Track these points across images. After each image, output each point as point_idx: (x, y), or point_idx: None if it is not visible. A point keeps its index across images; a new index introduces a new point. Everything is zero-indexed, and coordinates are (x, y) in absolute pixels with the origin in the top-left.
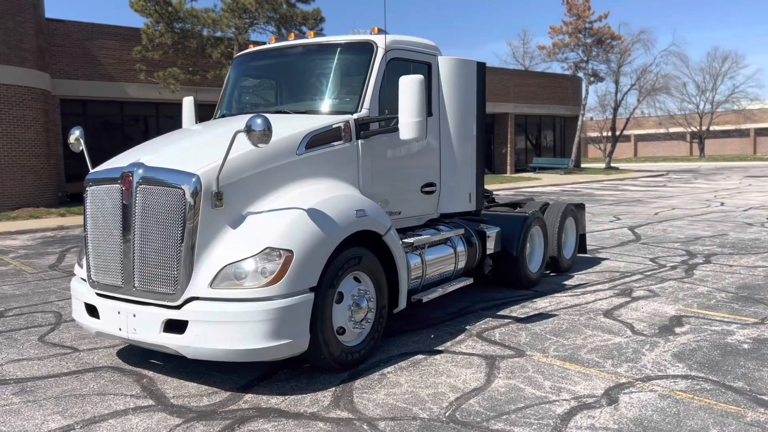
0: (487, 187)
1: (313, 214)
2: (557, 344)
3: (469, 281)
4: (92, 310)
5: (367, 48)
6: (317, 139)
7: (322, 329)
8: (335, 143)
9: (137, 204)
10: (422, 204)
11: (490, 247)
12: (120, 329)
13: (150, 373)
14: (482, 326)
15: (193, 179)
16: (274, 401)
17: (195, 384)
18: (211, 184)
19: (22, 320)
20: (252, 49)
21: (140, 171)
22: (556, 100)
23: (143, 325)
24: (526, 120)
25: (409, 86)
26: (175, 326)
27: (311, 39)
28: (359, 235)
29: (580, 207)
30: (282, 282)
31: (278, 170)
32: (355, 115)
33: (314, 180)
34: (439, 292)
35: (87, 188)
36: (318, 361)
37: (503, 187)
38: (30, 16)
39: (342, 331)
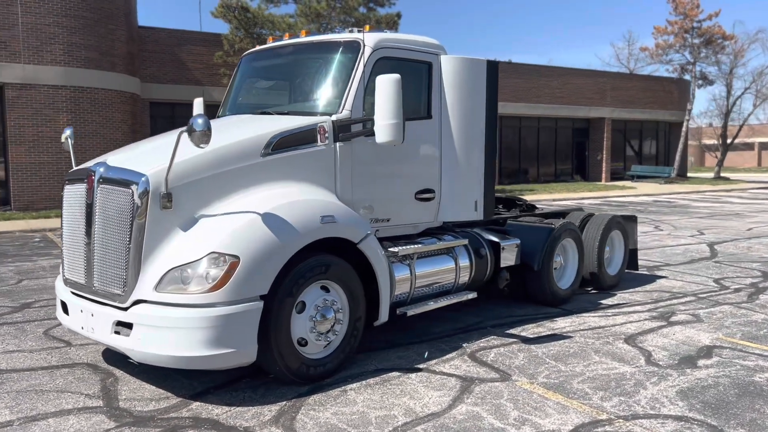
0: (571, 194)
1: (270, 218)
2: (552, 370)
3: (471, 296)
4: (65, 307)
5: (353, 47)
6: (286, 141)
7: (277, 340)
8: (308, 145)
9: (97, 203)
10: (418, 211)
11: (506, 259)
12: (82, 327)
13: (119, 373)
14: (481, 344)
15: (143, 179)
16: (217, 412)
17: (154, 387)
18: (160, 185)
19: (42, 312)
20: (252, 50)
21: (101, 170)
22: (659, 105)
23: (99, 324)
24: (626, 125)
25: (384, 86)
26: (124, 328)
27: (301, 39)
28: (329, 243)
29: (630, 219)
30: (225, 288)
31: (239, 172)
32: (334, 117)
33: (282, 183)
34: (431, 305)
35: (64, 187)
36: (275, 373)
37: (590, 196)
38: (121, 23)
39: (304, 342)
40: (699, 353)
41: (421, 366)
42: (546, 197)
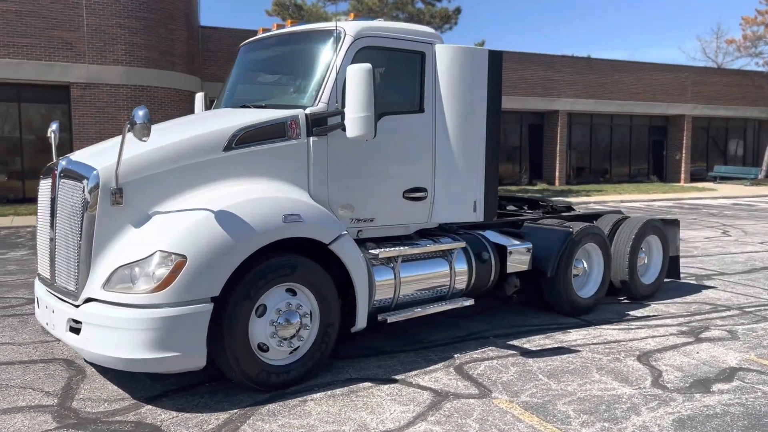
0: (642, 196)
1: (224, 217)
2: (541, 387)
3: (467, 303)
4: (38, 303)
5: (333, 36)
6: (251, 136)
7: (232, 344)
8: (276, 140)
9: (58, 198)
10: (407, 211)
11: (514, 264)
12: (47, 324)
13: (90, 371)
14: (474, 356)
15: (93, 173)
16: (164, 417)
17: (115, 387)
18: (111, 180)
19: None
20: (246, 41)
21: (63, 163)
22: (747, 101)
23: (57, 321)
24: (709, 123)
25: (354, 76)
26: (76, 326)
27: (284, 29)
28: (298, 243)
29: (671, 224)
30: (170, 289)
31: (198, 168)
32: (308, 110)
33: (246, 180)
34: (417, 312)
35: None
36: (233, 379)
37: (662, 198)
38: (181, 24)
39: (265, 347)
40: (719, 376)
41: (398, 377)
42: (612, 198)
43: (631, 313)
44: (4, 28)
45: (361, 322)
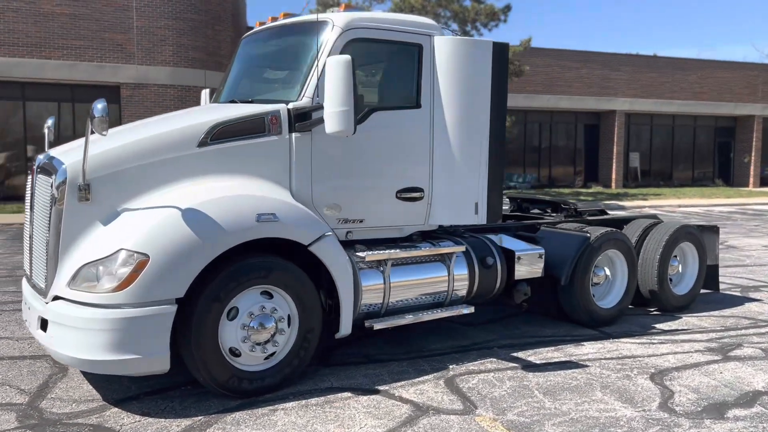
0: (702, 201)
1: (192, 215)
2: (533, 405)
3: (466, 311)
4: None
5: (322, 28)
6: (227, 131)
7: (200, 348)
8: (255, 136)
9: (35, 193)
10: (401, 212)
11: (523, 270)
12: (25, 320)
13: (73, 370)
14: (471, 367)
15: (62, 168)
16: (125, 421)
17: (90, 388)
18: (78, 176)
19: None
20: (246, 34)
21: (41, 158)
22: None
23: (31, 318)
24: None
25: (333, 69)
26: (44, 324)
27: (276, 22)
28: (281, 244)
29: (709, 230)
30: (131, 289)
31: (170, 164)
32: (291, 105)
33: (220, 177)
34: (408, 319)
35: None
36: (204, 385)
37: (724, 203)
38: (228, 25)
39: (238, 352)
40: (738, 400)
41: (381, 388)
42: (669, 203)
43: (658, 326)
44: (59, 31)
45: (345, 328)
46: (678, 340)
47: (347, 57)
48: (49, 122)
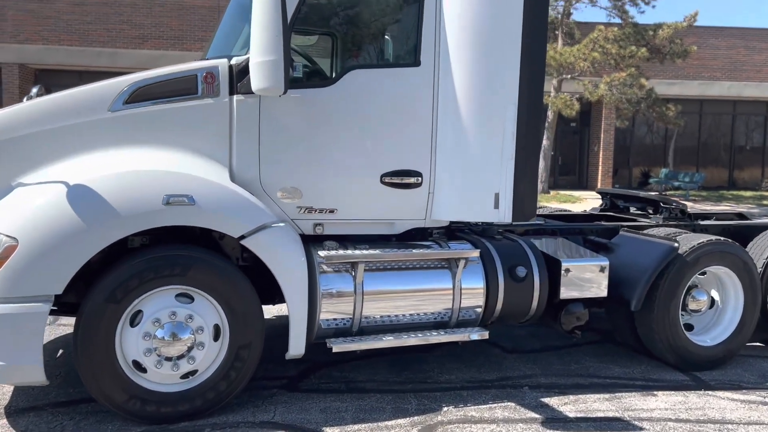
0: None
1: (80, 193)
2: None
3: (475, 336)
4: None
5: None
6: (148, 92)
7: (89, 359)
8: (183, 98)
9: None
10: (389, 202)
11: (573, 287)
12: None
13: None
14: (471, 413)
15: None
16: None
17: (12, 391)
18: None
19: None
20: None
21: None
22: None
23: None
24: None
25: (257, 6)
26: None
27: None
28: (206, 234)
29: None
30: None
31: (75, 130)
32: (234, 60)
33: (138, 149)
34: (386, 341)
35: None
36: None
37: None
38: None
39: (144, 367)
40: None
41: (330, 430)
42: None
43: None
44: (199, 24)
45: (296, 347)
46: None
47: None
48: (34, 90)
